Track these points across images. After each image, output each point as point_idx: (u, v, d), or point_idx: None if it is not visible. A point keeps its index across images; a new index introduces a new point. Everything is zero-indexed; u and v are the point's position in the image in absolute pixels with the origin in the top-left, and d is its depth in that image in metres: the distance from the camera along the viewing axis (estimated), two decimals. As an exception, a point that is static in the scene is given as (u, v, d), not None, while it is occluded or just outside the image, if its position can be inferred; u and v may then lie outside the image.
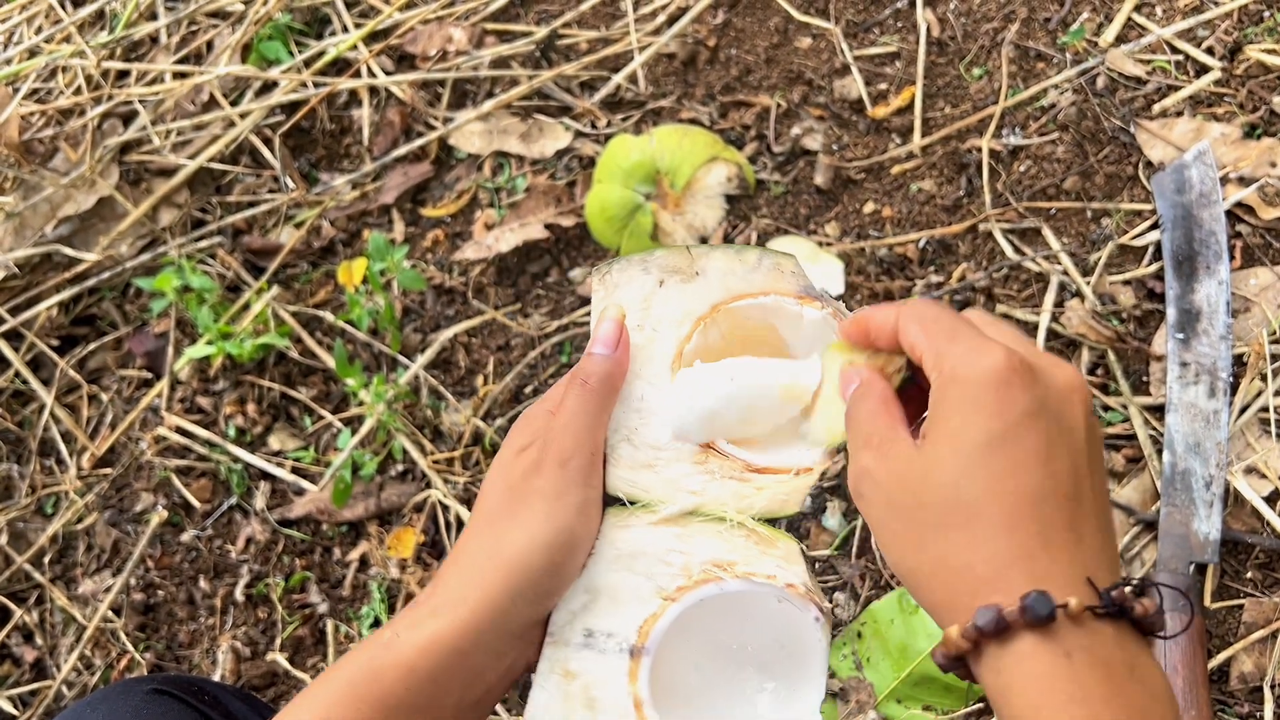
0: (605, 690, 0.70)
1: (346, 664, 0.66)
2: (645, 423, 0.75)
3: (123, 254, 1.56)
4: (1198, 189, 1.20)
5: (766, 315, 0.76)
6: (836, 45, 1.41)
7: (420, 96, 1.53)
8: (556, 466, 0.69)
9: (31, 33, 1.67)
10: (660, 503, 0.73)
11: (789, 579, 0.70)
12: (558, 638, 0.71)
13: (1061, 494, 0.55)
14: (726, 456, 0.74)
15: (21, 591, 1.50)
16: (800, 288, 0.75)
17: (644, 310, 0.76)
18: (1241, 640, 1.05)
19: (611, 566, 0.72)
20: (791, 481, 0.73)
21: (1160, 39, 1.28)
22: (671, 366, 0.75)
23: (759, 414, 0.74)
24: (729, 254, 0.77)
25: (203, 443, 1.47)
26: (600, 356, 0.73)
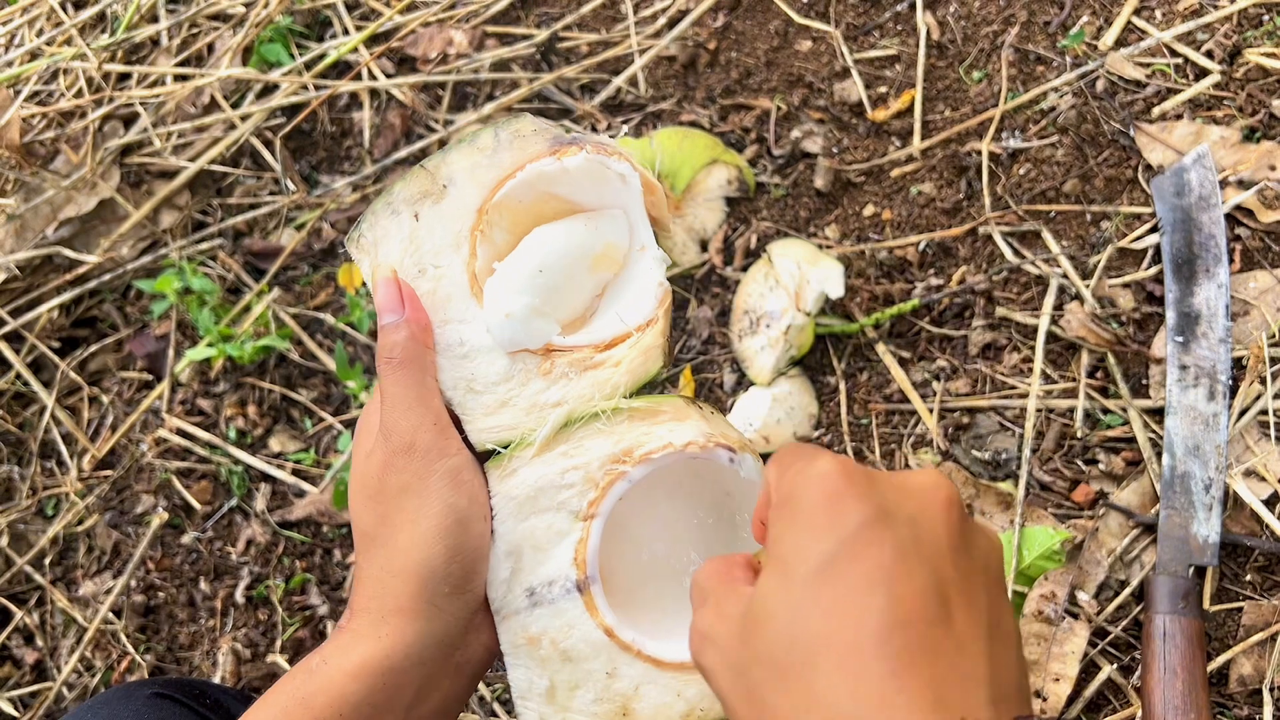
0: (572, 637, 0.66)
1: (276, 694, 0.63)
2: (476, 364, 0.69)
3: (124, 256, 1.56)
4: (1197, 192, 1.20)
5: (538, 188, 0.70)
6: (836, 48, 1.41)
7: (421, 99, 1.53)
8: (404, 454, 0.65)
9: (33, 35, 1.68)
10: (531, 432, 0.68)
11: (686, 438, 0.66)
12: (504, 611, 0.67)
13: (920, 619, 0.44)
14: (569, 350, 0.69)
15: (22, 593, 1.50)
16: (550, 142, 0.68)
17: (416, 254, 0.70)
18: (1241, 643, 1.06)
19: (518, 518, 0.68)
20: (642, 340, 0.68)
21: (1160, 42, 1.29)
22: (472, 293, 0.69)
23: (578, 289, 0.69)
24: (463, 149, 0.70)
25: (203, 445, 1.47)
26: (391, 325, 0.68)
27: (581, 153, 0.67)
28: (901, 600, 0.44)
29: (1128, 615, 1.09)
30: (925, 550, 0.46)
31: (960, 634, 0.44)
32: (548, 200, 0.71)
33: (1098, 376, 1.19)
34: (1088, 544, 1.12)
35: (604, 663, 0.66)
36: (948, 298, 1.26)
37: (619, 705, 0.66)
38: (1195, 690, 1.01)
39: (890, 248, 1.30)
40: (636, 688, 0.65)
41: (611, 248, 0.70)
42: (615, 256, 0.70)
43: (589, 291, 0.71)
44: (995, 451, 1.19)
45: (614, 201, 0.70)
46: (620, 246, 0.70)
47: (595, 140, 0.68)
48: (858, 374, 1.27)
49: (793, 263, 1.27)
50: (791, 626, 0.45)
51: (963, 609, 0.45)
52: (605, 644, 0.66)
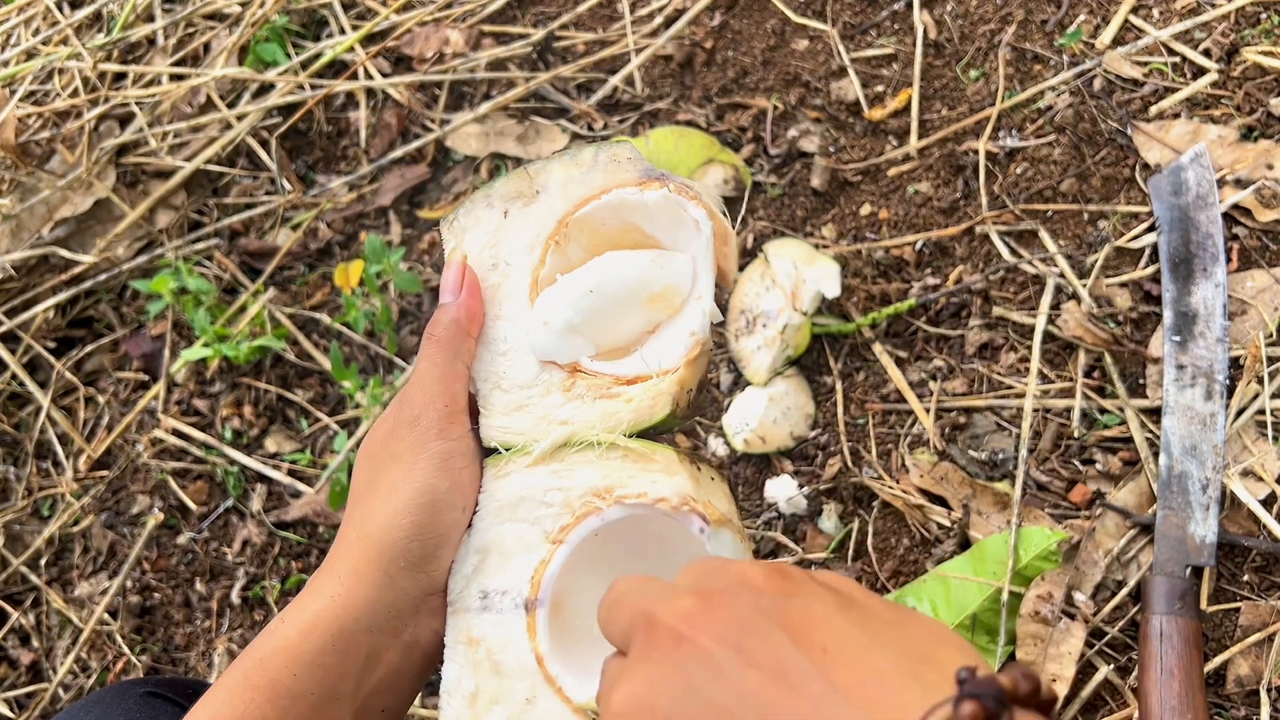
0: (507, 652, 0.66)
1: (242, 657, 0.64)
2: (511, 363, 0.70)
3: (119, 256, 1.56)
4: (1194, 191, 1.19)
5: (621, 215, 0.71)
6: (833, 47, 1.40)
7: (417, 98, 1.53)
8: (408, 427, 0.66)
9: (29, 35, 1.67)
10: (534, 442, 0.68)
11: (661, 493, 0.65)
12: (457, 605, 0.67)
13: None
14: (594, 375, 0.69)
15: (18, 594, 1.50)
16: (640, 173, 0.70)
17: (495, 247, 0.71)
18: (1238, 643, 1.05)
19: (496, 520, 0.68)
20: (656, 385, 0.68)
21: (1157, 41, 1.28)
22: (529, 297, 0.70)
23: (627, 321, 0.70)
24: (565, 160, 0.71)
25: (199, 445, 1.47)
26: (445, 305, 0.69)
27: (663, 189, 0.68)
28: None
29: (1125, 616, 1.09)
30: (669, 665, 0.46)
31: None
32: (630, 231, 0.71)
33: (1095, 376, 1.19)
34: (1085, 544, 1.11)
35: (527, 687, 0.66)
36: (944, 297, 1.26)
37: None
38: (1192, 691, 1.01)
39: (887, 247, 1.30)
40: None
41: (671, 290, 0.70)
42: (673, 299, 0.70)
43: (638, 326, 0.71)
44: (992, 451, 1.19)
45: (685, 247, 0.71)
46: (680, 291, 0.70)
47: (680, 182, 0.69)
48: (854, 374, 1.27)
49: (789, 262, 1.26)
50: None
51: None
52: (533, 669, 0.66)
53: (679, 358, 0.68)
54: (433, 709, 1.27)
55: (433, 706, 1.27)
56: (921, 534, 1.18)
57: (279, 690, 0.62)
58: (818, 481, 1.24)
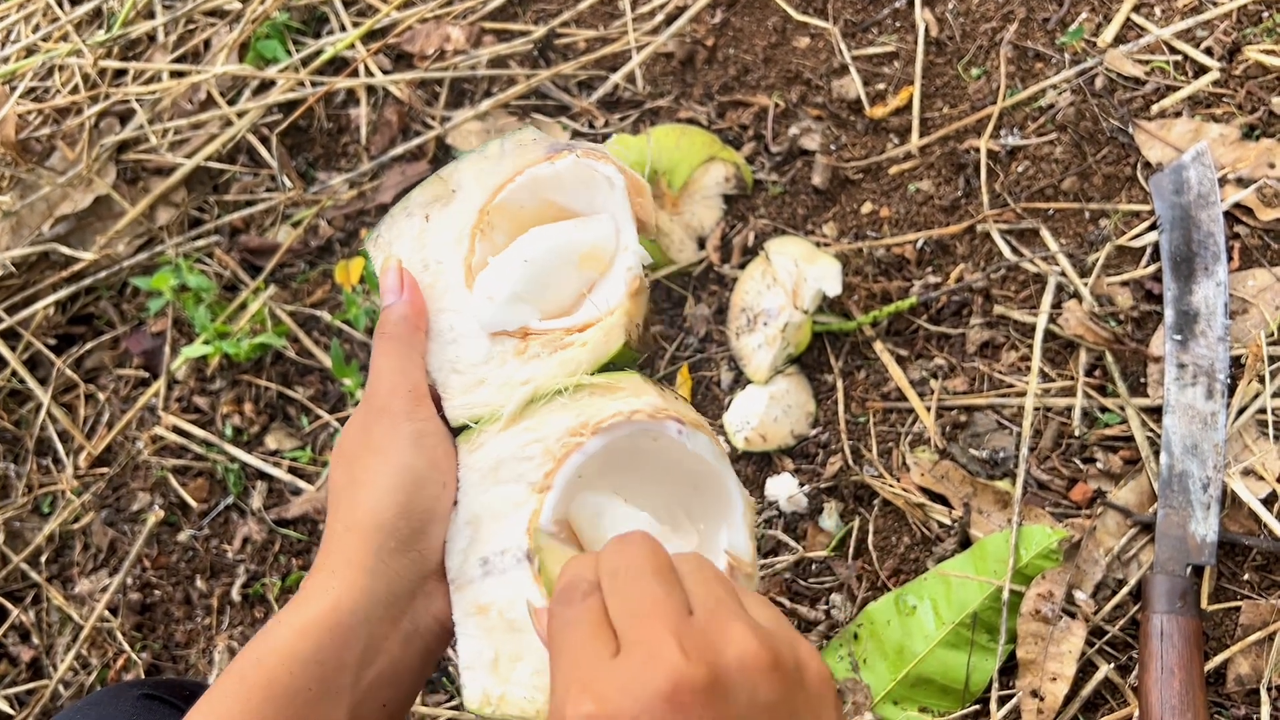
0: (520, 608, 0.67)
1: (238, 659, 0.65)
2: (461, 347, 0.73)
3: (120, 253, 1.56)
4: (1196, 190, 1.19)
5: (536, 193, 0.75)
6: (835, 45, 1.40)
7: (418, 96, 1.53)
8: (377, 416, 0.69)
9: (29, 31, 1.67)
10: (500, 408, 0.71)
11: (635, 407, 0.68)
12: (460, 580, 0.69)
13: None
14: (545, 332, 0.72)
15: (18, 591, 1.50)
16: (546, 149, 0.74)
17: (422, 250, 0.75)
18: (1238, 643, 1.05)
19: (479, 489, 0.70)
20: (606, 323, 0.71)
21: (1159, 39, 1.28)
22: (466, 285, 0.74)
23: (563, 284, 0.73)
24: (473, 157, 0.75)
25: (199, 442, 1.47)
26: (390, 306, 0.73)
27: (571, 156, 0.72)
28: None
29: (1125, 614, 1.09)
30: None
31: None
32: (548, 207, 0.75)
33: (1096, 375, 1.19)
34: (1085, 543, 1.11)
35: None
36: (945, 296, 1.26)
37: None
38: (1192, 690, 1.01)
39: (888, 245, 1.30)
40: None
41: (598, 248, 0.74)
42: (602, 256, 0.74)
43: (576, 288, 0.74)
44: (993, 450, 1.19)
45: (604, 207, 0.74)
46: (607, 247, 0.74)
47: (586, 146, 0.73)
48: (855, 372, 1.27)
49: (790, 260, 1.26)
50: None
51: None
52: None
53: (623, 292, 0.72)
54: (433, 705, 1.27)
55: (434, 704, 1.27)
56: (922, 532, 1.18)
57: (276, 689, 0.62)
58: (818, 480, 1.24)
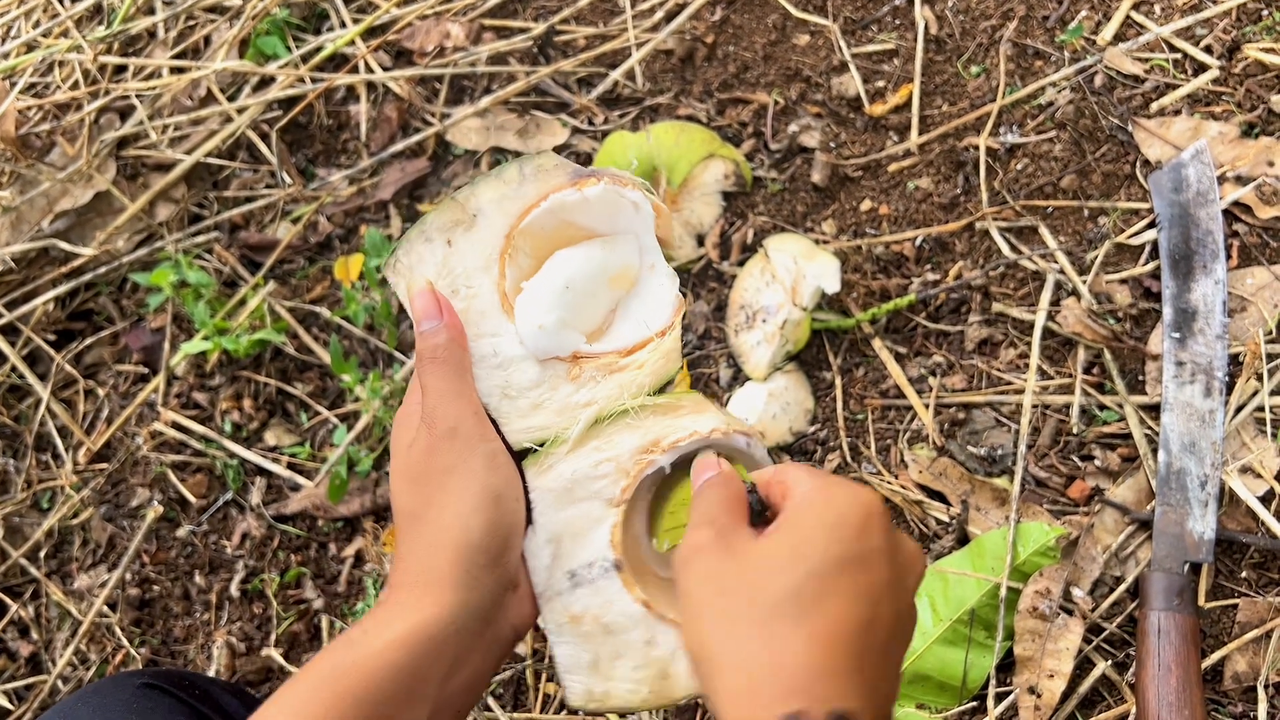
0: (612, 613, 0.72)
1: (319, 662, 0.66)
2: (510, 372, 0.75)
3: (119, 249, 1.56)
4: (1195, 188, 1.19)
5: (558, 216, 0.77)
6: (834, 42, 1.40)
7: (418, 92, 1.53)
8: (447, 439, 0.70)
9: (29, 27, 1.67)
10: (564, 430, 0.74)
11: (710, 426, 0.73)
12: (548, 593, 0.73)
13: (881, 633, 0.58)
14: (596, 356, 0.75)
15: (17, 586, 1.50)
16: (570, 175, 0.76)
17: (449, 276, 0.76)
18: (1236, 640, 1.05)
19: (556, 509, 0.73)
20: (662, 345, 0.75)
21: (1158, 37, 1.28)
22: (503, 310, 0.76)
23: (597, 305, 0.76)
24: (492, 181, 0.77)
25: (199, 438, 1.47)
26: (430, 329, 0.74)
27: (600, 184, 0.75)
28: (878, 615, 0.58)
29: (1123, 612, 1.09)
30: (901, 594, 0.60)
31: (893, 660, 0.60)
32: (565, 228, 0.78)
33: (1094, 372, 1.19)
34: (1083, 540, 1.11)
35: (642, 633, 0.72)
36: (944, 293, 1.26)
37: (659, 669, 0.72)
38: (1190, 687, 1.01)
39: (887, 243, 1.30)
40: (674, 652, 0.72)
41: (626, 268, 0.77)
42: (629, 275, 0.77)
43: (606, 307, 0.78)
44: (991, 447, 1.19)
45: (625, 227, 0.77)
46: (633, 266, 0.78)
47: (612, 172, 0.75)
48: (854, 369, 1.27)
49: (789, 258, 1.26)
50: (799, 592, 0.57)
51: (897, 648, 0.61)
52: (643, 615, 0.72)
53: (669, 316, 0.76)
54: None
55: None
56: (920, 529, 1.18)
57: (364, 694, 0.64)
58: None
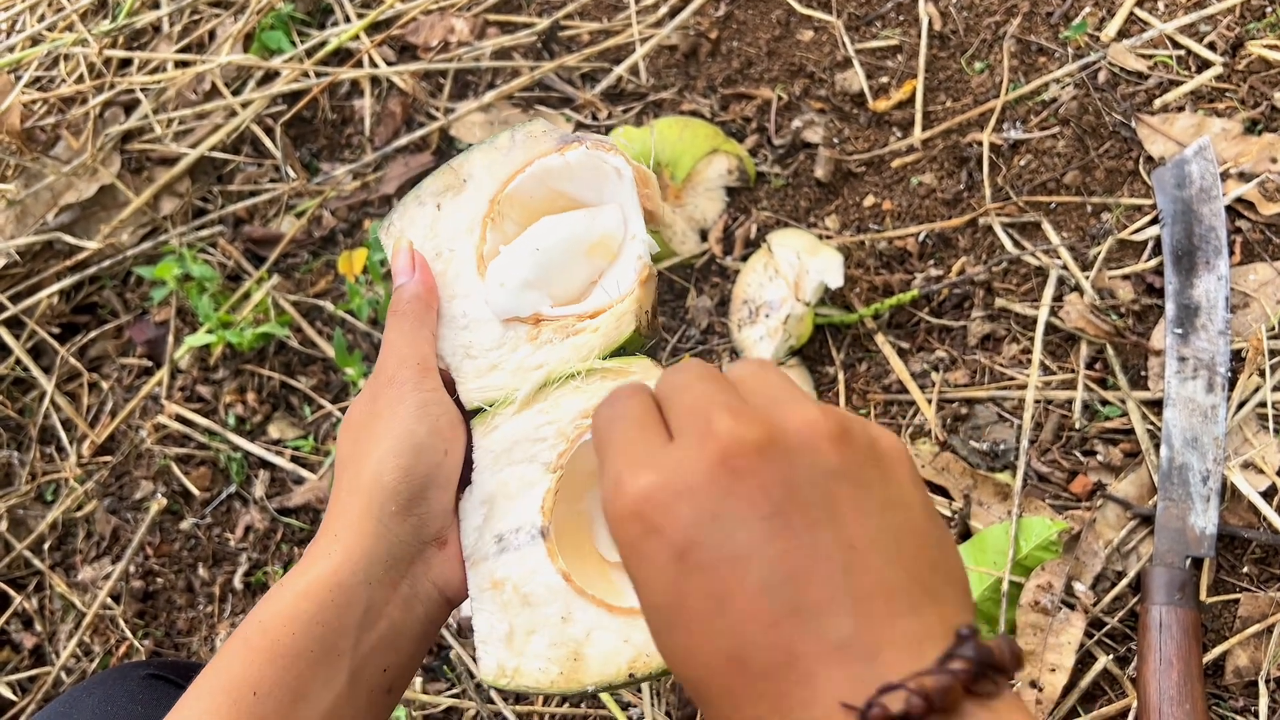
0: (534, 582, 0.69)
1: (243, 625, 0.66)
2: (474, 334, 0.75)
3: (124, 242, 1.57)
4: (1198, 184, 1.19)
5: (545, 183, 0.76)
6: (838, 38, 1.40)
7: (422, 87, 1.53)
8: (385, 387, 0.71)
9: (34, 20, 1.68)
10: (514, 391, 0.74)
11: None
12: (475, 556, 0.71)
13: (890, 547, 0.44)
14: (557, 319, 0.74)
15: (21, 578, 1.50)
16: (556, 140, 0.75)
17: (435, 238, 0.77)
18: (1237, 635, 1.06)
19: (494, 469, 0.72)
20: (617, 309, 0.73)
21: (1162, 34, 1.28)
22: (479, 273, 0.76)
23: (573, 272, 0.75)
24: (484, 148, 0.77)
25: (202, 431, 1.48)
26: (402, 285, 0.75)
27: (581, 148, 0.74)
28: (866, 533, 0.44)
29: (1124, 606, 1.09)
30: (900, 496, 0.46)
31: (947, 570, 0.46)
32: (556, 198, 0.77)
33: (1096, 368, 1.19)
34: (1085, 535, 1.12)
35: (560, 607, 0.69)
36: (947, 288, 1.26)
37: (571, 650, 0.68)
38: (1191, 682, 1.01)
39: (890, 238, 1.30)
40: (588, 633, 0.68)
41: (607, 237, 0.75)
42: (610, 246, 0.76)
43: (585, 276, 0.76)
44: (993, 442, 1.19)
45: (612, 197, 0.76)
46: (615, 237, 0.76)
47: (595, 138, 0.74)
48: (856, 364, 1.27)
49: (792, 253, 1.26)
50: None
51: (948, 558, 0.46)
52: (563, 588, 0.69)
53: (633, 280, 0.74)
54: (434, 694, 1.27)
55: (434, 691, 1.28)
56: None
57: (278, 650, 0.63)
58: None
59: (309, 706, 0.63)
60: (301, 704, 0.63)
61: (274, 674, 0.62)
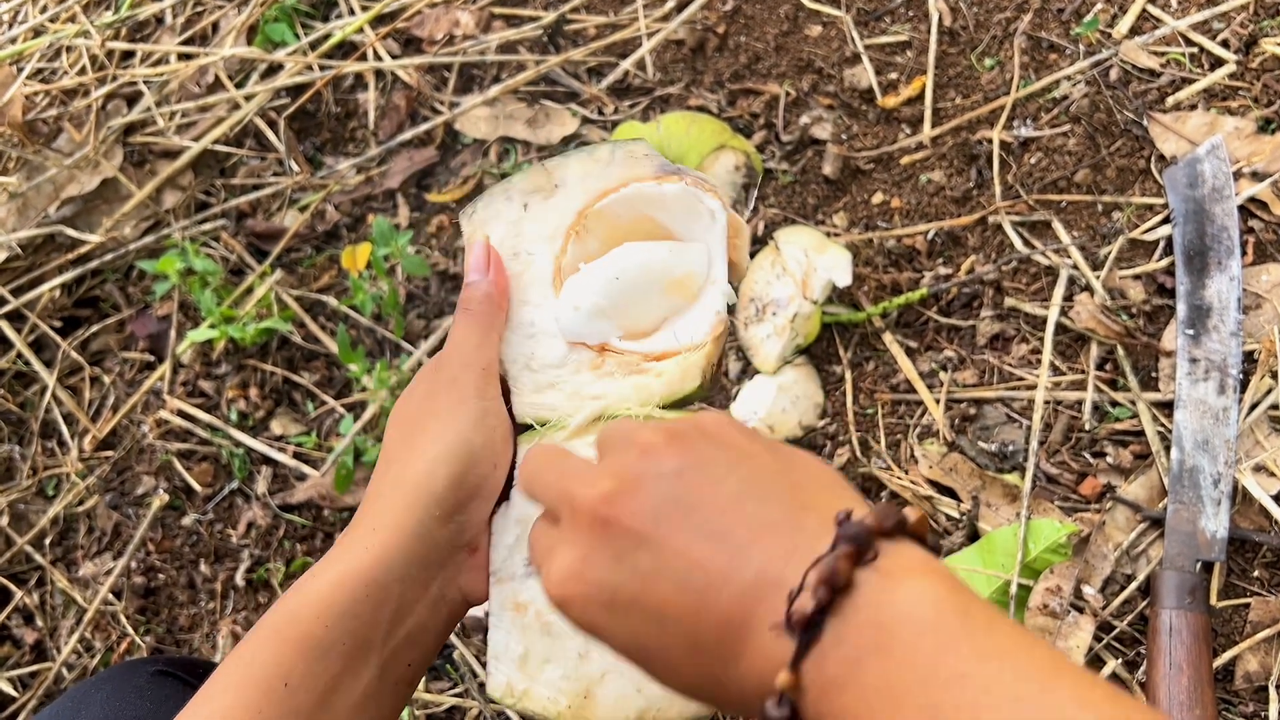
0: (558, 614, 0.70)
1: (271, 612, 0.65)
2: (539, 345, 0.74)
3: (126, 236, 1.56)
4: (1210, 183, 1.18)
5: (636, 207, 0.75)
6: (847, 33, 1.39)
7: (426, 81, 1.52)
8: (446, 386, 0.70)
9: (36, 12, 1.66)
10: (568, 417, 0.72)
11: None
12: (501, 575, 0.71)
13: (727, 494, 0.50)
14: (623, 353, 0.73)
15: (22, 573, 1.50)
16: (656, 168, 0.74)
17: (516, 238, 0.76)
18: (1247, 639, 1.05)
19: None
20: (687, 359, 0.72)
21: (1175, 31, 1.27)
22: (553, 284, 0.75)
23: (648, 306, 0.74)
24: (583, 157, 0.75)
25: (204, 426, 1.47)
26: (473, 282, 0.74)
27: (681, 183, 0.73)
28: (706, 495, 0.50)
29: (1133, 610, 1.09)
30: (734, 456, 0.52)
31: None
32: (644, 222, 0.76)
33: (1107, 369, 1.18)
34: (1094, 537, 1.11)
35: (579, 644, 0.69)
36: (956, 287, 1.25)
37: (583, 687, 0.68)
38: (1201, 686, 1.00)
39: (899, 236, 1.29)
40: (603, 674, 0.68)
41: (689, 276, 0.74)
42: (691, 286, 0.74)
43: (659, 312, 0.75)
44: (1002, 443, 1.18)
45: (701, 237, 0.75)
46: (697, 277, 0.74)
47: (695, 175, 0.73)
48: (864, 363, 1.26)
49: (800, 250, 1.25)
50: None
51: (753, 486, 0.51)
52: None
53: (707, 333, 0.72)
54: (437, 693, 1.27)
55: (437, 691, 1.27)
56: (930, 525, 1.18)
57: (310, 642, 0.62)
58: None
59: (340, 699, 0.63)
60: (333, 696, 0.63)
61: (305, 666, 0.62)
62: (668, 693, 0.66)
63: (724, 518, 0.48)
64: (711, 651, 0.47)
